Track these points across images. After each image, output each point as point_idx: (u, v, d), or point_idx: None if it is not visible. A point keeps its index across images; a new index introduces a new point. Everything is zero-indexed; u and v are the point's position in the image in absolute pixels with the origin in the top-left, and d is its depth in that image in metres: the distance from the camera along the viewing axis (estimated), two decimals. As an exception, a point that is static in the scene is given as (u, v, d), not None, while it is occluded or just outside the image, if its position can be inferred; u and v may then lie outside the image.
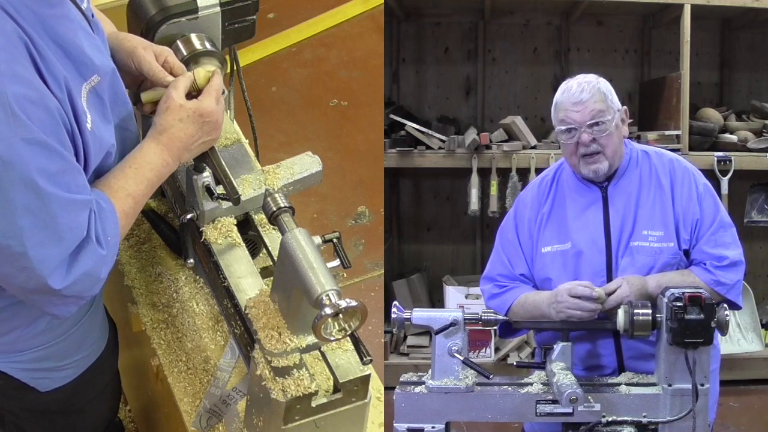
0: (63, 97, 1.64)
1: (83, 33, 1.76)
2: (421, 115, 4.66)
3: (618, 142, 2.32)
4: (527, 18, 4.72)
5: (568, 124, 2.29)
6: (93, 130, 1.72)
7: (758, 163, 4.13)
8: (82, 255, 1.66)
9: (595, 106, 2.27)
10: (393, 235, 4.76)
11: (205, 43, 2.07)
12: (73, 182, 1.64)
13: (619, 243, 2.31)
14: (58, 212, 1.60)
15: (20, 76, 1.55)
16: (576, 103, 2.27)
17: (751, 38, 4.70)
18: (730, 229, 2.35)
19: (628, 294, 2.21)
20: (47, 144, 1.57)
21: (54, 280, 1.63)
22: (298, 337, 1.78)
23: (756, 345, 4.15)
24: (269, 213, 1.88)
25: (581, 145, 2.28)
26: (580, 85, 2.29)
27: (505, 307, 2.40)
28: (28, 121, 1.54)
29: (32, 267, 1.60)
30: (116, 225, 1.74)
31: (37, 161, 1.56)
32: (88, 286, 1.70)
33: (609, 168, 2.31)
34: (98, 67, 1.76)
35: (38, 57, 1.60)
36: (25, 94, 1.55)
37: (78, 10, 1.78)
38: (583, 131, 2.27)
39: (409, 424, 2.20)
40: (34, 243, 1.59)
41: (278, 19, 4.75)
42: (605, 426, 2.19)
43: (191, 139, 1.89)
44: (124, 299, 2.39)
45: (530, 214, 2.42)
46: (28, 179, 1.55)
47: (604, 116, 2.27)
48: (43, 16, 1.63)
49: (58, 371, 2.07)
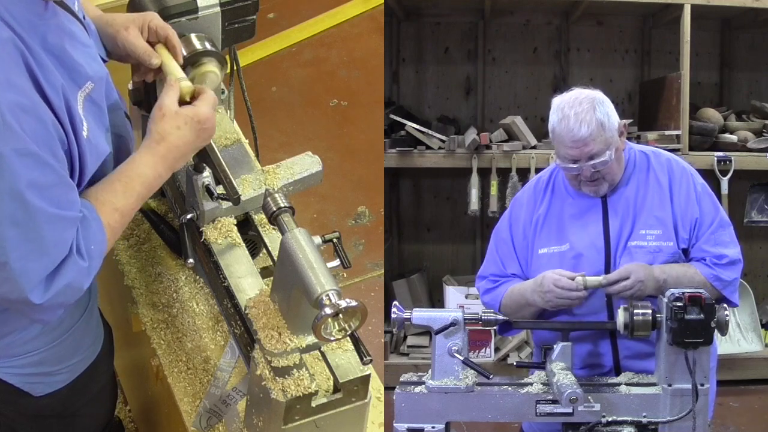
0: (61, 104, 1.62)
1: (76, 41, 1.75)
2: (421, 115, 4.66)
3: (618, 165, 2.31)
4: (527, 18, 4.72)
5: (568, 162, 2.27)
6: (89, 138, 1.70)
7: (758, 163, 4.12)
8: (63, 268, 1.63)
9: (594, 147, 2.23)
10: (393, 235, 4.76)
11: (205, 43, 2.07)
12: (63, 197, 1.61)
13: (618, 244, 2.31)
14: (44, 227, 1.57)
15: (14, 84, 1.53)
16: (576, 141, 2.23)
17: (751, 38, 4.70)
18: (729, 228, 2.36)
19: (636, 269, 2.22)
20: (39, 156, 1.55)
21: (34, 296, 1.60)
22: (298, 337, 1.78)
23: (756, 345, 4.15)
24: (269, 213, 1.88)
25: (582, 176, 2.28)
26: (578, 117, 2.22)
27: (498, 299, 2.42)
28: (20, 132, 1.51)
29: (14, 278, 1.57)
30: (100, 233, 1.70)
31: (27, 173, 1.53)
32: (69, 297, 1.68)
33: (609, 188, 2.33)
34: (91, 75, 1.75)
35: (35, 66, 1.58)
36: (19, 103, 1.52)
37: (71, 15, 1.77)
38: (585, 167, 2.25)
39: (409, 424, 2.19)
40: (17, 255, 1.56)
41: (278, 19, 4.75)
42: (605, 426, 2.19)
43: (188, 146, 1.83)
44: (124, 299, 2.39)
45: (526, 215, 2.43)
46: (16, 191, 1.52)
47: (604, 154, 2.24)
48: (37, 25, 1.62)
49: (53, 376, 2.06)
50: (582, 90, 2.31)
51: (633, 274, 2.21)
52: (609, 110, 2.27)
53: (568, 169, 2.29)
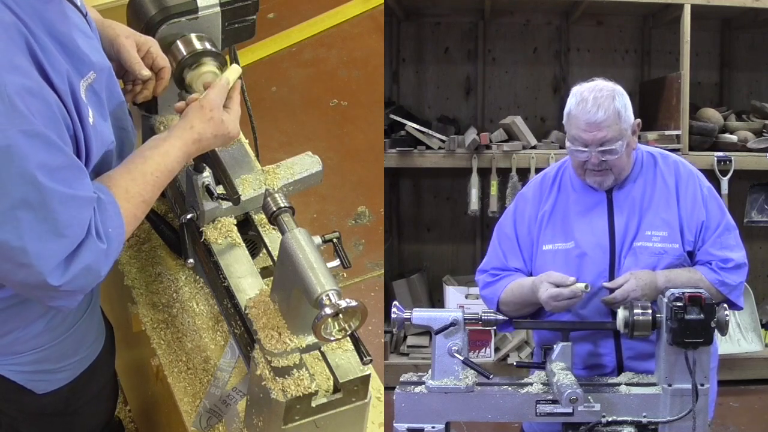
0: (65, 89, 1.61)
1: (79, 30, 1.75)
2: (421, 115, 4.66)
3: (627, 160, 2.30)
4: (527, 18, 4.72)
5: (579, 145, 2.26)
6: (94, 124, 1.70)
7: (758, 163, 4.12)
8: (82, 250, 1.62)
9: (608, 133, 2.22)
10: (393, 235, 4.76)
11: (205, 43, 2.07)
12: (74, 178, 1.60)
13: (623, 244, 2.30)
14: (57, 208, 1.56)
15: (19, 67, 1.52)
16: (590, 124, 2.22)
17: (751, 38, 4.70)
18: (734, 232, 2.35)
19: (635, 288, 2.20)
20: (47, 137, 1.54)
21: (53, 278, 1.59)
22: (298, 337, 1.78)
23: (756, 345, 4.15)
24: (269, 213, 1.88)
25: (589, 163, 2.27)
26: (596, 101, 2.22)
27: (497, 294, 2.40)
28: (27, 113, 1.51)
29: (31, 263, 1.56)
30: (117, 217, 1.69)
31: (37, 155, 1.52)
32: (89, 280, 1.66)
33: (614, 181, 2.32)
34: (94, 64, 1.74)
35: (39, 50, 1.58)
36: (25, 85, 1.52)
37: (74, 6, 1.77)
38: (594, 154, 2.24)
39: (409, 424, 2.20)
40: (33, 237, 1.55)
41: (278, 19, 4.75)
42: (605, 426, 2.19)
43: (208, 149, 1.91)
44: (124, 299, 2.39)
45: (531, 211, 2.42)
46: (27, 173, 1.51)
47: (615, 142, 2.23)
48: (40, 11, 1.61)
49: (55, 373, 2.06)
50: (604, 81, 2.31)
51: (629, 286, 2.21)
52: (627, 103, 2.27)
53: (578, 153, 2.27)
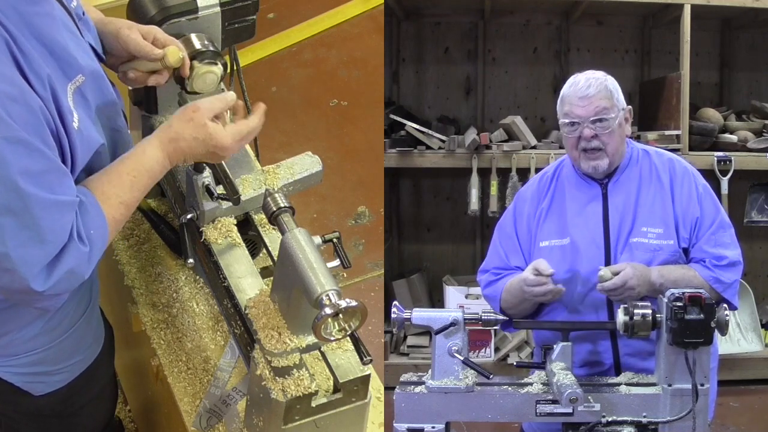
0: (46, 95, 1.61)
1: (67, 33, 1.74)
2: (421, 115, 4.66)
3: (620, 141, 2.34)
4: (527, 18, 4.72)
5: (571, 118, 2.32)
6: (80, 129, 1.69)
7: (758, 163, 4.13)
8: (65, 255, 1.62)
9: (600, 103, 2.30)
10: (393, 235, 4.76)
11: (205, 43, 2.07)
12: (56, 183, 1.60)
13: (618, 239, 2.32)
14: (40, 214, 1.56)
15: (0, 74, 1.53)
16: (582, 98, 2.30)
17: (751, 38, 4.70)
18: (729, 230, 2.37)
19: (632, 276, 2.21)
20: (29, 143, 1.54)
21: (36, 283, 1.59)
22: (298, 337, 1.78)
23: (756, 345, 4.15)
24: (269, 213, 1.88)
25: (582, 140, 2.31)
26: (588, 81, 2.32)
27: (498, 292, 2.42)
28: (9, 119, 1.51)
29: (14, 269, 1.57)
30: (99, 218, 1.69)
31: (19, 161, 1.52)
32: (72, 283, 1.67)
33: (609, 166, 2.33)
34: (83, 67, 1.74)
35: (20, 55, 1.57)
36: (6, 92, 1.52)
37: (64, 9, 1.77)
38: (586, 126, 2.30)
39: (409, 424, 2.19)
40: (16, 244, 1.55)
41: (278, 19, 4.75)
42: (605, 426, 2.19)
43: (192, 157, 1.84)
44: (124, 299, 2.39)
45: (530, 210, 2.44)
46: (9, 179, 1.52)
47: (608, 113, 2.30)
48: (26, 14, 1.61)
49: (53, 375, 2.06)
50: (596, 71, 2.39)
51: (626, 274, 2.21)
52: (619, 89, 2.37)
53: (570, 129, 2.31)
